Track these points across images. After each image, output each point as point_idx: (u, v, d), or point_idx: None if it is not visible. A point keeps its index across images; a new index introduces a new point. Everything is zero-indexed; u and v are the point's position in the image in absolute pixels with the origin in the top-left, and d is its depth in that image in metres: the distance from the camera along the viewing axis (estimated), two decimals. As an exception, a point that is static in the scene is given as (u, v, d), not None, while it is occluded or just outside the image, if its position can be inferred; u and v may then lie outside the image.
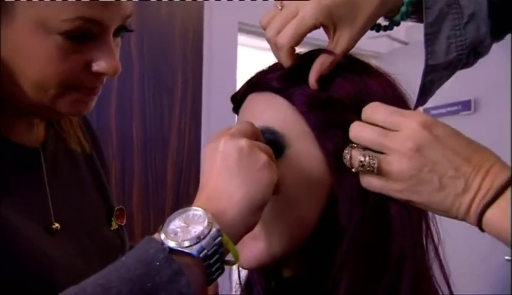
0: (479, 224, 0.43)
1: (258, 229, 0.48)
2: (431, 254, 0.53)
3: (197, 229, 0.40)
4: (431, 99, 0.65)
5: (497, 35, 0.63)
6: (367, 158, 0.46)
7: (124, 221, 0.72)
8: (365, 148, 0.48)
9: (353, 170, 0.48)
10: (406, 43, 2.13)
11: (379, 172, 0.47)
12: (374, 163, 0.46)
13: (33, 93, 0.52)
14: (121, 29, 0.55)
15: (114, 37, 0.55)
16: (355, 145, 0.48)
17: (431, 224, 0.53)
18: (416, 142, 0.45)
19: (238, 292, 0.60)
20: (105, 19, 0.51)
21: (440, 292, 0.53)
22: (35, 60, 0.51)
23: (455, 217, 0.46)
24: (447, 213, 0.45)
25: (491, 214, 0.42)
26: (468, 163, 0.44)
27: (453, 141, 0.45)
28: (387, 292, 0.48)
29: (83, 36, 0.50)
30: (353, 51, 0.56)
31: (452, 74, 0.62)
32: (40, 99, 0.52)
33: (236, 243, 0.43)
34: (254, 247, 0.50)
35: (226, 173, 0.43)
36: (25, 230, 0.53)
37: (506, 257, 1.72)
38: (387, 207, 0.49)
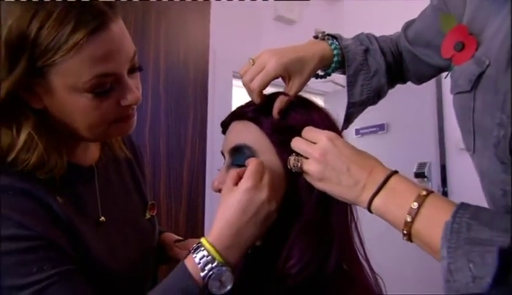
0: (369, 209, 0.43)
1: None
2: (353, 226, 0.53)
3: (227, 288, 0.43)
4: (361, 122, 0.68)
5: (392, 84, 0.67)
6: (294, 161, 0.47)
7: (155, 212, 0.68)
8: (299, 155, 0.47)
9: (293, 170, 0.47)
10: (343, 86, 2.17)
11: (304, 171, 0.46)
12: (297, 164, 0.46)
13: (88, 133, 0.50)
14: (133, 68, 0.51)
15: (131, 75, 0.50)
16: (295, 154, 0.48)
17: (353, 208, 0.53)
18: (323, 150, 0.44)
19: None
20: (113, 69, 0.47)
21: (358, 253, 0.52)
22: (79, 114, 0.48)
23: (354, 204, 0.45)
24: (348, 200, 0.45)
25: (376, 202, 0.42)
26: (356, 165, 0.43)
27: (348, 151, 0.45)
28: (324, 255, 0.48)
29: (105, 87, 0.47)
30: (308, 90, 0.58)
31: (364, 109, 0.64)
32: (95, 134, 0.51)
33: None
34: None
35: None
36: (81, 228, 0.51)
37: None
38: (328, 196, 0.47)
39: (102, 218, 0.56)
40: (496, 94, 0.39)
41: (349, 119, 0.62)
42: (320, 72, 0.61)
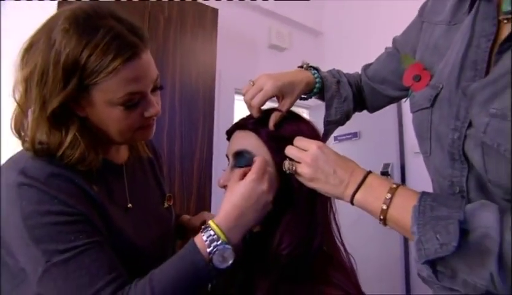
0: (351, 202, 0.43)
1: None
2: (332, 217, 0.53)
3: (228, 263, 0.43)
4: (338, 130, 0.69)
5: (356, 109, 0.69)
6: (289, 165, 0.47)
7: (172, 202, 0.68)
8: (292, 160, 0.47)
9: (287, 172, 0.47)
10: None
11: (298, 173, 0.46)
12: (292, 167, 0.46)
13: (118, 137, 0.52)
14: (155, 88, 0.52)
15: (153, 92, 0.52)
16: (288, 159, 0.48)
17: (332, 201, 0.53)
18: (313, 156, 0.45)
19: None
20: (141, 89, 0.49)
21: (336, 238, 0.52)
22: (112, 122, 0.49)
23: (339, 198, 0.45)
24: (334, 196, 0.45)
25: (358, 197, 0.42)
26: (340, 168, 0.44)
27: (334, 156, 0.45)
28: (309, 239, 0.48)
29: (133, 102, 0.49)
30: (295, 104, 0.55)
31: (337, 127, 0.65)
32: (123, 138, 0.52)
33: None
34: None
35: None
36: (112, 212, 0.51)
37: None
38: (314, 193, 0.48)
39: (130, 205, 0.57)
40: (450, 108, 0.43)
41: (326, 134, 0.63)
42: (302, 95, 0.62)
